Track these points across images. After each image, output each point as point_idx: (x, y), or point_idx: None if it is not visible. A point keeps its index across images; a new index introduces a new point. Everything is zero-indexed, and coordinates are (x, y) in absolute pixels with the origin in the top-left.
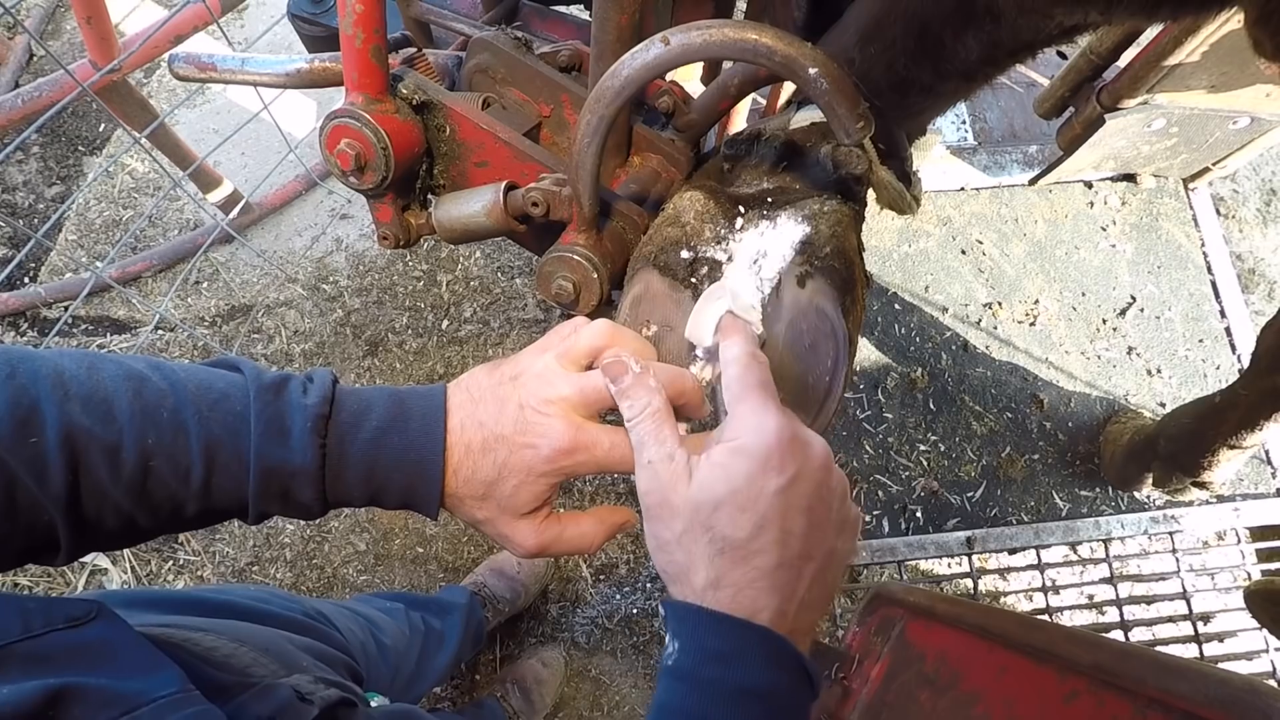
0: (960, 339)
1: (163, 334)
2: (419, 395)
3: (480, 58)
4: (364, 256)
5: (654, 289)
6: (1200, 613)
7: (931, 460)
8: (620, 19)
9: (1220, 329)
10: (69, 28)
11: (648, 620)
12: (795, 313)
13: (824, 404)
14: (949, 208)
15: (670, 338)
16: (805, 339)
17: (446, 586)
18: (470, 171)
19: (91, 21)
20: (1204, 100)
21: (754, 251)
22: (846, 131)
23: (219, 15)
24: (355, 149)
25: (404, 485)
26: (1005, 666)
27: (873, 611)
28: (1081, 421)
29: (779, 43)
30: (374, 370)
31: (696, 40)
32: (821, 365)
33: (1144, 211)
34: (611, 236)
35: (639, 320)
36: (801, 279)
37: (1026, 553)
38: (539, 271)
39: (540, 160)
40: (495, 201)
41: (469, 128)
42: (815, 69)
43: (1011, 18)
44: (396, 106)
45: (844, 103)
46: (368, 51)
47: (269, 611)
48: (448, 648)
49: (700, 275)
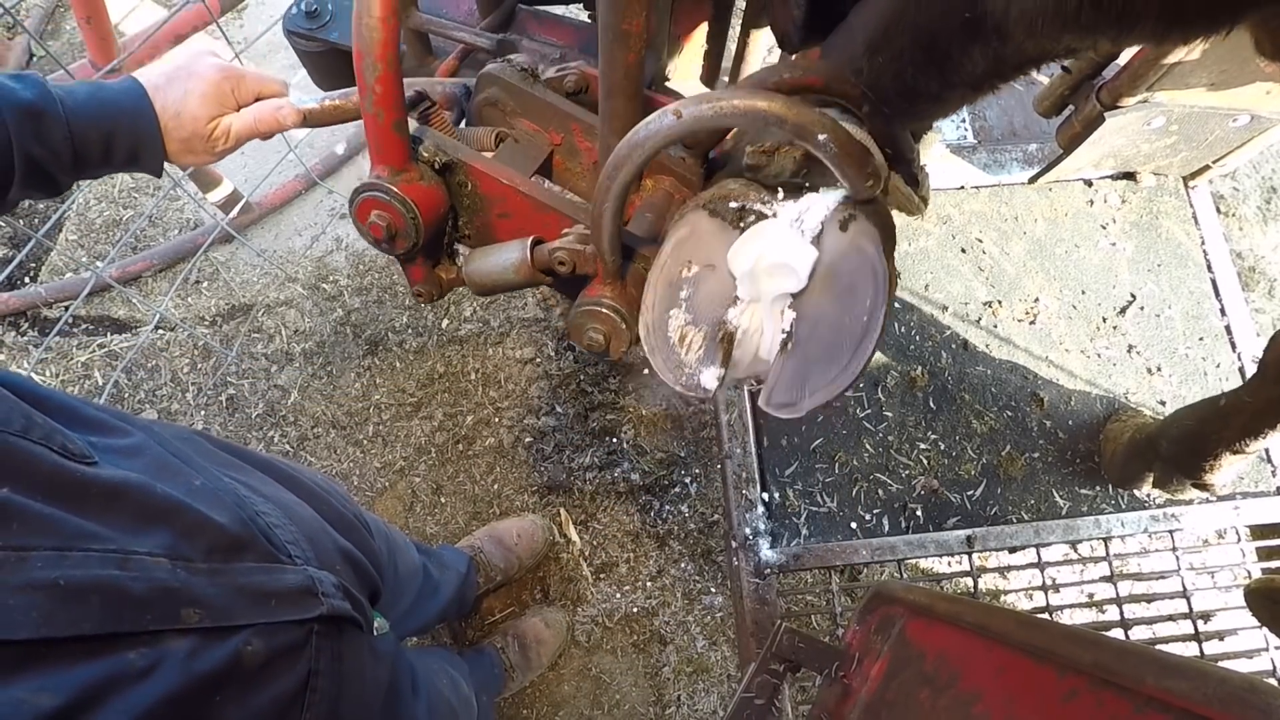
0: (960, 337)
1: (163, 333)
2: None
3: (489, 92)
4: (364, 256)
5: (701, 228)
6: (1200, 611)
7: (931, 459)
8: (628, 58)
9: (1220, 327)
10: (69, 28)
11: (648, 619)
12: (835, 256)
13: (861, 342)
14: (949, 206)
15: (712, 276)
16: (844, 280)
17: (448, 546)
18: (494, 222)
19: (91, 21)
20: (1204, 98)
21: (797, 211)
22: (856, 191)
23: (218, 15)
24: (385, 220)
25: (130, 128)
26: (1005, 665)
27: (872, 610)
28: (1081, 420)
29: (789, 110)
30: (374, 369)
31: (707, 112)
32: (860, 306)
33: (1144, 210)
34: (635, 280)
35: (681, 259)
36: (844, 223)
37: (1026, 551)
38: (570, 323)
39: (560, 209)
40: (523, 259)
41: (490, 183)
42: (824, 135)
43: (1019, 39)
44: (420, 173)
45: (853, 165)
46: (390, 127)
47: (328, 501)
48: (439, 600)
49: (748, 221)
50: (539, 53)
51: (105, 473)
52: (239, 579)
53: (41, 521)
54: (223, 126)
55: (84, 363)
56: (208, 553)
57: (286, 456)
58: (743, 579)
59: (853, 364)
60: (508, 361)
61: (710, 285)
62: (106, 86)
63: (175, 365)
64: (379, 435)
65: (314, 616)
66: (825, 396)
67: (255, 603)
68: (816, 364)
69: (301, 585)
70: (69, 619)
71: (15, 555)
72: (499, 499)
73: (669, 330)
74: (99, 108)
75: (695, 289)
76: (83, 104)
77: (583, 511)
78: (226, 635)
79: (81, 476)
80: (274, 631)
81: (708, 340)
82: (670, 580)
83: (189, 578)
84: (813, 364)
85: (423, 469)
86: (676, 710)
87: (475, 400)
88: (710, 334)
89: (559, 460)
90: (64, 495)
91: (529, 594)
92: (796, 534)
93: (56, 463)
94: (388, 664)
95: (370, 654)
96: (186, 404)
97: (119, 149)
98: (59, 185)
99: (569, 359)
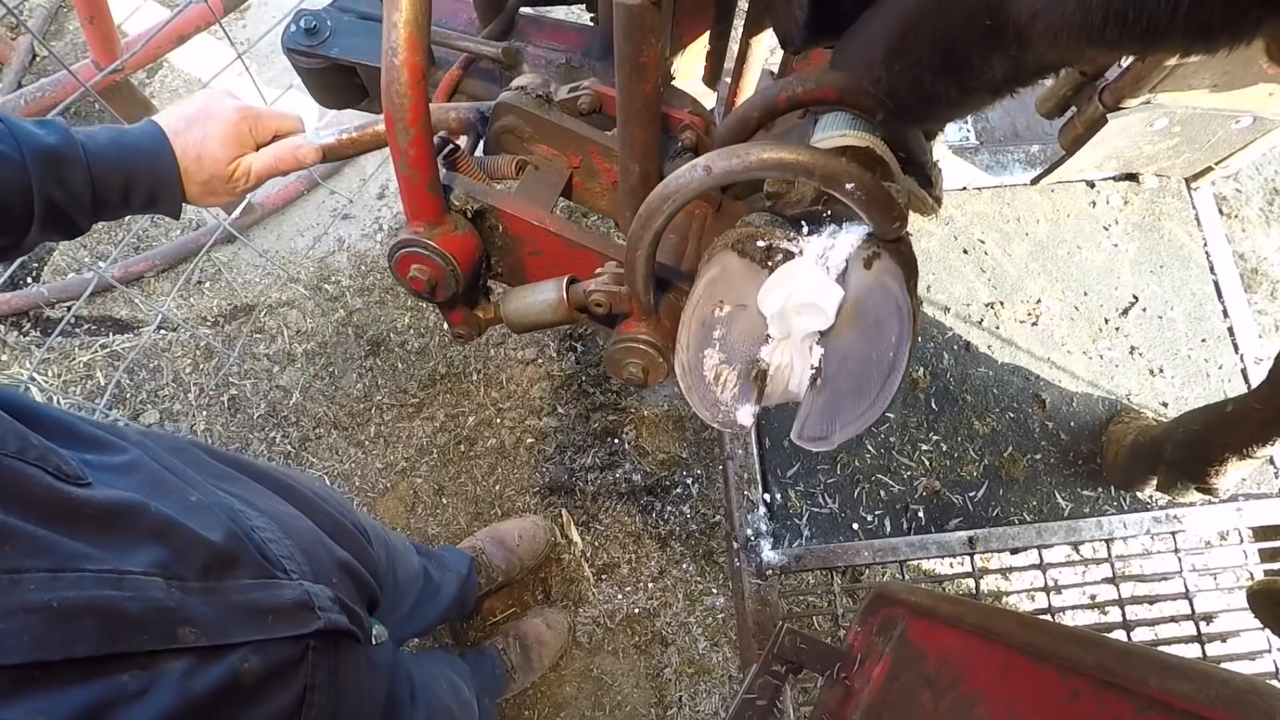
0: (962, 339)
1: (165, 334)
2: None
3: (506, 120)
4: (366, 256)
5: (731, 269)
6: (1203, 613)
7: (933, 460)
8: (645, 89)
9: (1223, 329)
10: (72, 28)
11: (649, 620)
12: (860, 293)
13: (889, 377)
14: (951, 207)
15: (744, 316)
16: (870, 317)
17: (449, 547)
18: (525, 260)
19: (94, 22)
20: (1207, 100)
21: (821, 248)
22: (883, 232)
23: (221, 15)
24: (426, 273)
25: (149, 170)
26: (1007, 666)
27: (874, 611)
28: (1084, 421)
29: (818, 160)
30: (376, 370)
31: (737, 166)
32: (885, 341)
33: (1146, 211)
34: (668, 313)
35: (713, 299)
36: (869, 261)
37: (1029, 552)
38: (608, 358)
39: (589, 245)
40: (560, 300)
41: (520, 224)
42: (852, 184)
43: (1042, 50)
44: (455, 223)
45: (879, 210)
46: (425, 187)
47: (325, 510)
48: (439, 602)
49: (776, 261)
50: (543, 58)
51: (99, 494)
52: (234, 596)
53: (35, 543)
54: (243, 167)
55: (86, 363)
56: (202, 570)
57: (288, 458)
58: (744, 580)
59: (881, 397)
60: (509, 362)
61: (742, 324)
62: (127, 131)
63: (177, 365)
64: (381, 436)
65: (310, 632)
66: (856, 429)
67: (251, 619)
68: (846, 398)
69: (297, 600)
70: (63, 641)
71: (8, 578)
72: (501, 500)
73: (705, 370)
74: (119, 152)
75: (728, 328)
76: (103, 148)
77: (584, 512)
78: (223, 654)
79: (75, 498)
80: (270, 648)
81: (742, 379)
82: (672, 581)
83: (184, 596)
84: (842, 398)
85: (424, 470)
86: (678, 711)
87: (477, 401)
88: (744, 372)
89: (561, 461)
90: (58, 517)
91: (531, 594)
92: (798, 535)
93: (50, 485)
94: (385, 675)
95: (368, 666)
96: (189, 404)
97: (138, 192)
98: (78, 228)
99: (570, 360)
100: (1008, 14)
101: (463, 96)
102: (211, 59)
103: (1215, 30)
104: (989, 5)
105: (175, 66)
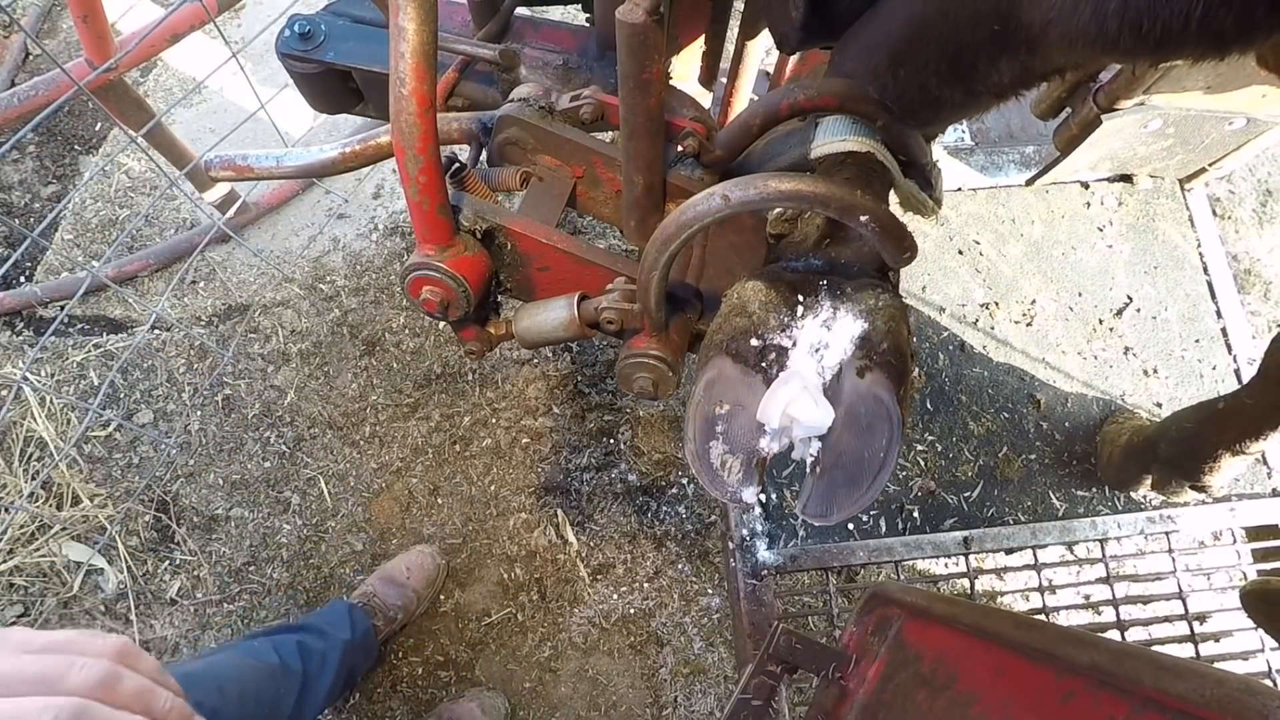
0: (957, 339)
1: (159, 333)
2: None
3: (509, 132)
4: (360, 256)
5: (726, 373)
6: (1196, 612)
7: (928, 460)
8: (648, 103)
9: (1216, 329)
10: (65, 26)
11: (645, 620)
12: (855, 398)
13: (877, 476)
14: (946, 208)
15: (742, 415)
16: (863, 420)
17: (328, 606)
18: (534, 276)
19: (88, 20)
20: (1200, 101)
21: (815, 339)
22: (894, 261)
23: (215, 14)
24: (438, 295)
25: None
26: (1002, 667)
27: (870, 611)
28: (1078, 422)
29: (834, 192)
30: (371, 370)
31: (754, 196)
32: (877, 443)
33: (1140, 212)
34: (678, 328)
35: (713, 400)
36: (861, 371)
37: (1023, 553)
38: (619, 373)
39: (597, 261)
40: (571, 318)
41: (529, 242)
42: (866, 215)
43: (1053, 56)
44: (465, 244)
45: (891, 241)
46: (435, 211)
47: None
48: (328, 669)
49: (769, 360)
50: (541, 60)
51: None
52: None
53: None
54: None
55: (80, 363)
56: None
57: (282, 458)
58: (740, 580)
59: (872, 489)
60: (505, 362)
61: (742, 420)
62: None
63: (171, 365)
64: (376, 436)
65: None
66: (851, 513)
67: None
68: (841, 487)
69: None
70: None
71: None
72: (496, 500)
73: (711, 458)
74: None
75: (729, 424)
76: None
77: (580, 512)
78: None
79: None
80: None
81: (745, 466)
82: (667, 581)
83: None
84: (838, 487)
85: (420, 470)
86: (674, 711)
87: (472, 401)
88: (746, 460)
89: (556, 461)
90: None
91: (525, 595)
92: (794, 535)
93: None
94: None
95: None
96: (182, 404)
97: None
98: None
99: (566, 360)
100: (1019, 20)
101: (459, 99)
102: (206, 58)
103: (1227, 39)
104: (999, 11)
105: (169, 65)
